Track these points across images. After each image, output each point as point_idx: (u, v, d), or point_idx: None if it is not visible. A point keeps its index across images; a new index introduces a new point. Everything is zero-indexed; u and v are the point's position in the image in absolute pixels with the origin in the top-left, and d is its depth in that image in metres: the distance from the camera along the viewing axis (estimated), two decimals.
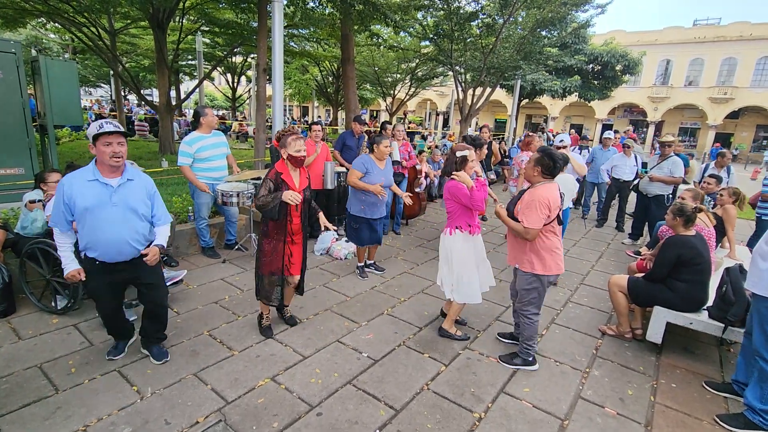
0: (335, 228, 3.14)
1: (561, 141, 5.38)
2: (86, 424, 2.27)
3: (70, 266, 2.53)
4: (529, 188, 2.94)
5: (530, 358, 3.06)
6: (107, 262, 2.50)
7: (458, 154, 3.12)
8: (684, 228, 3.25)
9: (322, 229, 3.20)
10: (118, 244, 2.48)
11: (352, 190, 4.36)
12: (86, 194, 2.38)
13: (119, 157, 2.39)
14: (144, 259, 2.57)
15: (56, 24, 11.82)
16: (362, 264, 4.64)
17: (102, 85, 27.72)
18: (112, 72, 14.99)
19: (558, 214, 2.87)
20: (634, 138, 10.68)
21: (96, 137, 2.35)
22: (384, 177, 4.30)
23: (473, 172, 3.15)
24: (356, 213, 4.32)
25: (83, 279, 2.54)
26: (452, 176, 3.13)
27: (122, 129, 2.41)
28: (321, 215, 3.26)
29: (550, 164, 2.81)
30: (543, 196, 2.75)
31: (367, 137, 5.94)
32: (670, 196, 6.19)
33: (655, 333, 3.29)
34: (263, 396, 2.59)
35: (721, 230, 4.56)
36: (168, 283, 3.56)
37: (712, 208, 4.69)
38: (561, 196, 2.91)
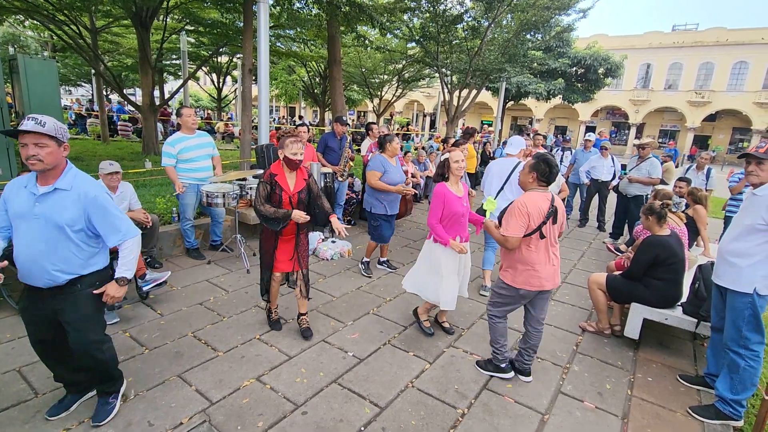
0: (341, 229, 3.01)
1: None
2: (67, 428, 2.25)
3: None
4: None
5: (501, 365, 2.92)
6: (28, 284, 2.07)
7: (441, 157, 3.17)
8: (658, 226, 3.36)
9: (337, 233, 3.03)
10: (31, 266, 2.00)
11: (369, 190, 4.43)
12: (15, 201, 2.00)
13: (36, 161, 1.91)
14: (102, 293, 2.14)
15: (35, 21, 11.53)
16: (369, 260, 4.72)
17: (83, 84, 27.09)
18: (93, 71, 14.69)
19: (540, 229, 2.59)
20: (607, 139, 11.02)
21: (16, 137, 1.92)
22: (398, 173, 4.46)
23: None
24: (378, 211, 4.43)
25: None
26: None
27: (41, 129, 1.88)
28: (334, 219, 3.10)
29: (547, 170, 2.61)
30: (523, 203, 2.58)
31: (350, 139, 5.96)
32: (649, 196, 6.37)
33: (632, 329, 3.39)
34: (248, 396, 2.59)
35: (694, 229, 4.72)
36: (152, 285, 3.55)
37: (685, 209, 4.84)
38: (553, 206, 2.64)
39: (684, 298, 3.34)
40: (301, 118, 24.21)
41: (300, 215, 2.92)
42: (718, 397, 2.67)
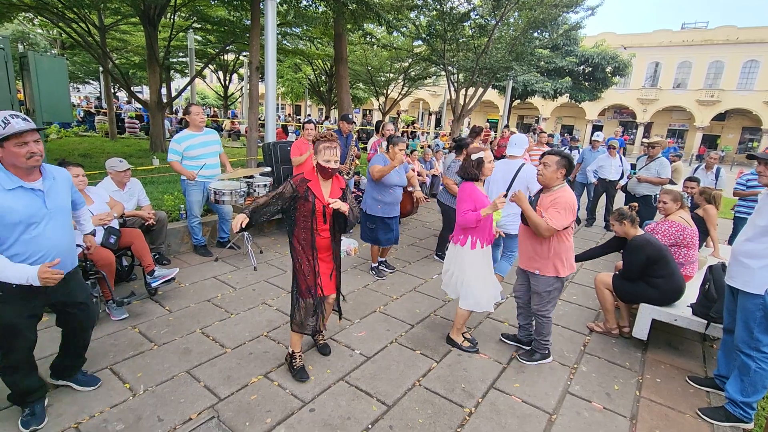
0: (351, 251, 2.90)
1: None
2: (78, 422, 2.28)
3: (28, 270, 1.94)
4: (542, 191, 2.96)
5: (546, 352, 3.18)
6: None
7: (473, 156, 3.05)
8: (634, 228, 3.41)
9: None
10: (63, 254, 2.12)
11: (369, 190, 4.40)
12: (15, 206, 1.94)
13: (40, 156, 2.00)
14: (87, 250, 2.43)
15: (44, 18, 11.64)
16: (376, 264, 4.69)
17: (90, 81, 27.32)
18: (101, 68, 14.79)
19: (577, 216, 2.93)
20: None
21: (4, 139, 1.90)
22: (399, 176, 4.38)
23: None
24: (373, 213, 4.36)
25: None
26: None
27: (33, 125, 1.99)
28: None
29: (569, 166, 2.86)
30: (570, 198, 2.81)
31: (356, 137, 5.95)
32: (658, 196, 6.32)
33: (641, 329, 3.37)
34: (256, 392, 2.60)
35: (703, 230, 4.67)
36: (160, 281, 3.58)
37: (694, 209, 4.81)
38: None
39: (689, 296, 3.32)
40: (327, 118, 23.14)
41: (238, 222, 2.42)
42: (728, 399, 2.65)
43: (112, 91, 15.38)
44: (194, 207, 4.64)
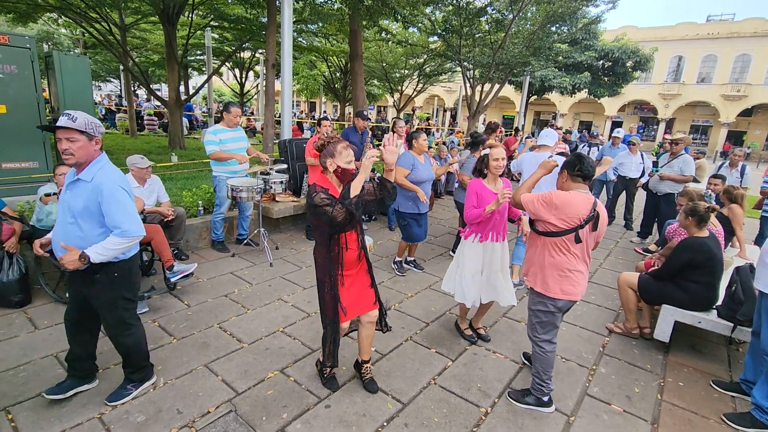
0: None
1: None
2: (101, 412, 2.33)
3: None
4: None
5: (545, 398, 2.59)
6: None
7: (482, 152, 3.11)
8: (697, 228, 3.23)
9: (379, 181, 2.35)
10: (55, 244, 2.24)
11: (398, 189, 4.39)
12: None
13: (69, 155, 2.05)
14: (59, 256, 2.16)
15: (68, 18, 11.93)
16: (401, 259, 4.68)
17: (111, 80, 27.92)
18: (121, 67, 15.09)
19: (577, 233, 2.34)
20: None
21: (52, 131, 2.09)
22: (427, 171, 4.38)
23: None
24: (406, 210, 4.35)
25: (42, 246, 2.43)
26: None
27: (72, 124, 2.01)
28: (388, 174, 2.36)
29: (577, 163, 2.40)
30: (558, 194, 2.37)
31: (370, 134, 5.93)
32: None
33: (662, 331, 3.28)
34: (273, 387, 2.63)
35: (729, 230, 4.52)
36: (179, 276, 3.64)
37: (720, 207, 4.65)
38: (594, 210, 2.35)
39: (719, 301, 3.21)
40: (325, 113, 23.28)
41: (370, 158, 2.13)
42: (755, 404, 2.56)
43: (132, 89, 15.67)
44: (225, 203, 4.74)
